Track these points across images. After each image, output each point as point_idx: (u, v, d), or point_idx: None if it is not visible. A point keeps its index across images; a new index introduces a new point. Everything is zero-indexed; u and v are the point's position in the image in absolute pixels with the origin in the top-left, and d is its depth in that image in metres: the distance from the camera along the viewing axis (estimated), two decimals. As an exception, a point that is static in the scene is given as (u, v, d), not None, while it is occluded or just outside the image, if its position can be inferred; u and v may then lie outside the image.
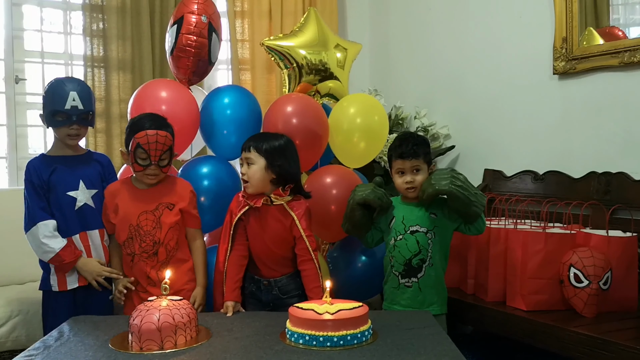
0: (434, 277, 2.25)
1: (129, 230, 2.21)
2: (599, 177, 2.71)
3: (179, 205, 2.25)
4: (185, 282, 2.27)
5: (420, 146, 2.26)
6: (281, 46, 2.80)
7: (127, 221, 2.21)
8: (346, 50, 2.95)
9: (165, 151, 2.17)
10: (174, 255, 2.25)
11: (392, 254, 2.28)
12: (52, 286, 2.24)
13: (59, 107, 2.21)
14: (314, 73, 2.82)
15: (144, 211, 2.21)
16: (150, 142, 2.12)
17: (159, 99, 2.53)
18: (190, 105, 2.61)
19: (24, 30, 3.66)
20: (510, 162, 3.25)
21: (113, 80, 3.71)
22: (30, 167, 2.27)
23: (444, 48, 3.77)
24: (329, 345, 1.67)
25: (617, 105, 2.74)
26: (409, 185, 2.25)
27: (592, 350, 1.97)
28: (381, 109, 2.82)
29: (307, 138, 2.49)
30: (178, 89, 2.62)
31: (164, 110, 2.40)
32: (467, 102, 3.59)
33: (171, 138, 2.20)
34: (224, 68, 4.17)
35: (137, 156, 2.16)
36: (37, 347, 1.73)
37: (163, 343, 1.70)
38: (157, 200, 2.24)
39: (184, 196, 2.28)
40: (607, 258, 2.21)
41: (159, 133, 2.14)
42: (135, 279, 2.23)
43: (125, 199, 2.24)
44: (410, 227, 2.25)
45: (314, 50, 2.83)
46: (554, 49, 2.97)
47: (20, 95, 3.63)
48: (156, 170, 2.19)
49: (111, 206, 2.25)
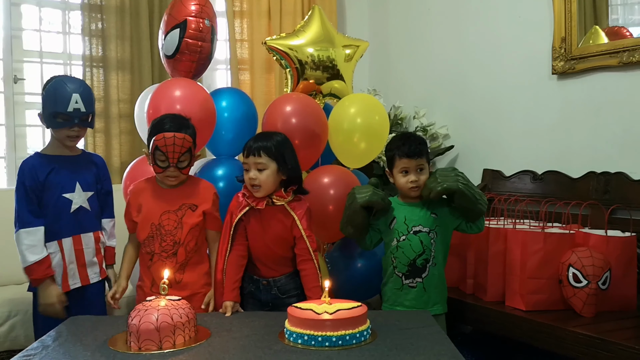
0: (437, 276, 2.26)
1: (150, 229, 2.21)
2: (598, 177, 2.71)
3: (201, 207, 2.24)
4: (202, 285, 2.25)
5: (423, 145, 2.29)
6: (285, 45, 2.80)
7: (149, 219, 2.21)
8: (357, 47, 2.96)
9: (183, 153, 2.15)
10: (192, 256, 2.24)
11: (394, 255, 2.28)
12: None
13: (60, 109, 2.17)
14: (322, 70, 2.82)
15: (167, 210, 2.21)
16: (167, 145, 2.11)
17: (175, 98, 2.48)
18: (207, 104, 2.57)
19: (22, 29, 3.66)
20: (509, 162, 3.25)
21: (112, 80, 3.71)
22: (25, 168, 2.22)
23: (444, 48, 3.77)
24: (327, 345, 1.67)
25: (616, 105, 2.74)
26: (413, 184, 2.25)
27: (590, 350, 1.97)
28: (382, 108, 2.81)
29: (306, 138, 2.49)
30: (194, 88, 2.58)
31: (178, 110, 2.37)
32: (466, 102, 3.59)
33: (190, 140, 2.17)
34: (223, 68, 4.17)
35: (157, 158, 2.15)
36: (35, 347, 1.72)
37: (162, 343, 1.70)
38: (181, 200, 2.23)
39: (207, 198, 2.27)
40: (606, 258, 2.21)
41: (176, 135, 2.12)
42: (153, 279, 2.21)
43: (148, 198, 2.24)
44: (413, 227, 2.25)
45: (321, 47, 2.83)
46: (553, 49, 2.97)
47: (19, 95, 3.63)
48: (175, 172, 2.17)
49: (135, 205, 2.24)
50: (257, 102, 4.00)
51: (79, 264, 2.27)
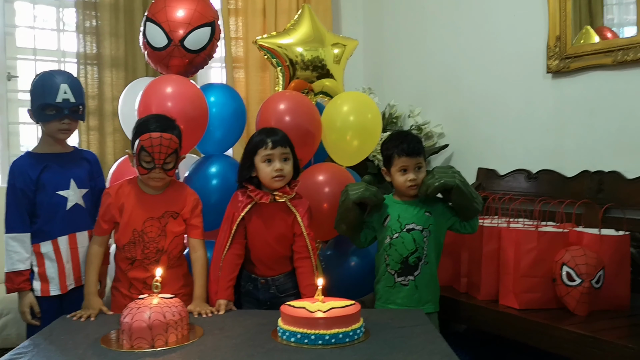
0: (429, 274, 2.26)
1: (132, 235, 2.15)
2: (592, 176, 2.71)
3: (183, 214, 2.21)
4: (180, 287, 2.21)
5: (421, 144, 2.31)
6: (275, 44, 2.79)
7: (132, 225, 2.14)
8: (345, 47, 2.95)
9: (169, 154, 2.09)
10: (174, 262, 2.21)
11: (387, 252, 2.27)
12: (35, 290, 2.17)
13: (49, 101, 2.14)
14: (311, 69, 2.82)
15: (150, 217, 2.15)
16: (154, 145, 2.05)
17: (166, 95, 2.43)
18: (199, 101, 2.53)
19: (16, 27, 3.65)
20: (504, 160, 3.25)
21: (106, 77, 3.69)
22: (15, 169, 2.18)
23: (438, 46, 3.77)
24: (320, 344, 1.66)
25: (611, 104, 2.74)
26: (412, 183, 2.25)
27: (584, 349, 1.97)
28: (375, 107, 2.81)
29: (299, 136, 2.48)
30: (186, 84, 2.54)
31: (169, 107, 2.34)
32: (461, 101, 3.59)
33: (177, 140, 2.11)
34: (218, 66, 4.16)
35: (142, 159, 2.08)
36: (27, 345, 1.71)
37: (154, 341, 1.69)
38: (164, 208, 2.17)
39: (189, 205, 2.22)
40: (599, 257, 2.21)
41: (163, 136, 2.06)
42: (131, 282, 2.18)
43: (131, 202, 2.16)
44: (407, 225, 2.25)
45: (310, 47, 2.83)
46: (548, 48, 2.98)
47: (12, 92, 3.62)
48: (161, 174, 2.11)
49: (117, 206, 2.15)
50: (252, 100, 4.02)
51: (74, 264, 2.25)
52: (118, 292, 2.21)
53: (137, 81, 2.91)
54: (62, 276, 2.21)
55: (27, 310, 2.15)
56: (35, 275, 2.18)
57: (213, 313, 2.06)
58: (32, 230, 2.18)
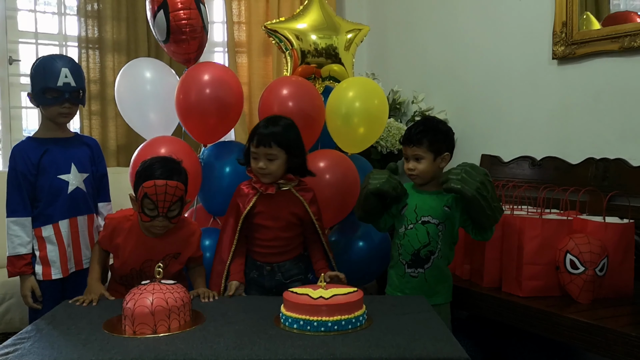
0: (440, 268, 2.21)
1: (130, 272, 2.12)
2: (597, 163, 2.70)
3: (185, 254, 2.15)
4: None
5: (426, 134, 2.16)
6: (284, 28, 2.76)
7: (130, 265, 2.11)
8: (359, 31, 2.93)
9: (174, 202, 2.00)
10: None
11: (400, 242, 2.22)
12: (37, 274, 2.18)
13: (50, 84, 2.13)
14: (324, 57, 2.80)
15: (149, 259, 2.09)
16: (158, 193, 1.95)
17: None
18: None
19: (17, 10, 3.62)
20: (508, 147, 3.23)
21: (108, 61, 3.67)
22: (16, 153, 2.18)
23: (443, 32, 3.73)
24: (323, 330, 1.66)
25: (617, 91, 2.71)
26: (409, 172, 2.21)
27: (587, 337, 1.96)
28: (381, 92, 2.79)
29: (302, 121, 2.46)
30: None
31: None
32: (465, 87, 3.56)
33: (182, 187, 2.02)
34: (220, 51, 4.13)
35: (145, 206, 1.98)
36: (29, 330, 1.71)
37: (156, 327, 1.69)
38: (165, 251, 2.11)
39: (192, 244, 2.16)
40: (603, 244, 2.20)
41: (168, 183, 1.96)
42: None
43: (129, 243, 2.09)
44: (422, 217, 2.19)
45: (324, 34, 2.80)
46: (554, 34, 2.94)
47: (14, 76, 3.60)
48: (164, 222, 2.01)
49: (110, 241, 2.11)
50: (255, 85, 4.00)
51: (75, 247, 2.26)
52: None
53: (133, 62, 2.87)
54: (63, 260, 2.22)
55: (28, 294, 2.16)
56: (36, 259, 2.19)
57: (215, 298, 2.05)
58: (34, 214, 2.19)
